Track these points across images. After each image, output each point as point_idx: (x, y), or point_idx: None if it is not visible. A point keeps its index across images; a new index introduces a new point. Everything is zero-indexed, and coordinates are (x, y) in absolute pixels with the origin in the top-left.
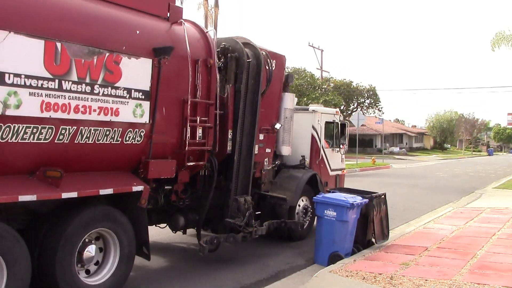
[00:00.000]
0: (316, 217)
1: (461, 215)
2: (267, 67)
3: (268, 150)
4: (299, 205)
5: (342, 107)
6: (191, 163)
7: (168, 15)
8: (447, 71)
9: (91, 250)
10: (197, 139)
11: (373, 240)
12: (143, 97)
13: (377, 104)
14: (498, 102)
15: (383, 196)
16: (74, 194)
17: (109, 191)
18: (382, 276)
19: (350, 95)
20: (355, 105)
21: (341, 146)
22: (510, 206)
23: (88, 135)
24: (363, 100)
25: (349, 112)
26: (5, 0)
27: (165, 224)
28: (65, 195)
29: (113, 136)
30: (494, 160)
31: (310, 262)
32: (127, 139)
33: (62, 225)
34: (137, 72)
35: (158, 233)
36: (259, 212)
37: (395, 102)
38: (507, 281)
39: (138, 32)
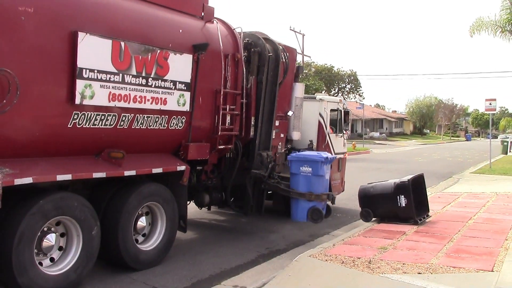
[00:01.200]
0: (290, 175)
1: (439, 200)
2: (283, 60)
3: (282, 135)
4: None
5: (323, 92)
6: (221, 146)
7: (203, 14)
8: (428, 57)
9: (143, 221)
10: (227, 125)
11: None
12: (185, 88)
13: (358, 89)
14: (477, 87)
15: None
16: (133, 172)
17: (159, 170)
18: (360, 260)
19: (331, 80)
20: (336, 90)
21: (344, 132)
22: (486, 191)
23: (142, 122)
24: (344, 85)
25: None
26: (84, 6)
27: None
28: (127, 173)
29: (161, 122)
30: (472, 145)
31: (290, 246)
32: (172, 125)
33: (123, 198)
34: (180, 66)
35: None
36: (271, 192)
37: (376, 88)
38: (482, 264)
39: (180, 31)
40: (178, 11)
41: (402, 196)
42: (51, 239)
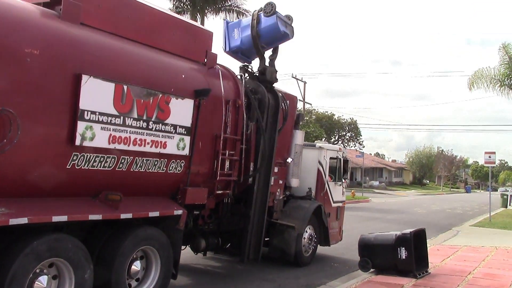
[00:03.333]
0: None
1: (438, 252)
2: (283, 107)
3: (280, 182)
4: (306, 232)
5: (323, 140)
6: (219, 191)
7: (206, 61)
8: (429, 107)
9: (137, 265)
10: (226, 170)
11: None
12: (185, 132)
13: (357, 138)
14: (476, 140)
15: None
16: (129, 216)
17: (156, 213)
18: None
19: (332, 127)
20: (336, 138)
21: (343, 180)
22: (486, 245)
23: (141, 164)
24: (344, 133)
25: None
26: (89, 49)
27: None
28: (123, 216)
29: (160, 165)
30: (472, 198)
31: None
32: (171, 168)
33: (119, 241)
34: (181, 110)
35: None
36: (268, 239)
37: (376, 136)
38: None
39: (183, 76)
40: (182, 57)
41: (403, 248)
42: (43, 281)
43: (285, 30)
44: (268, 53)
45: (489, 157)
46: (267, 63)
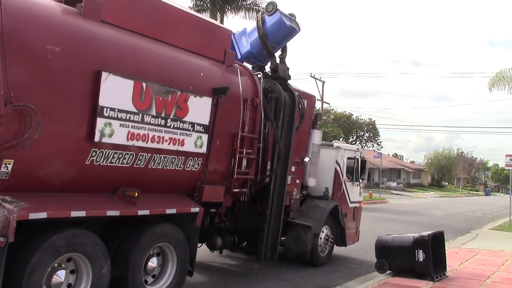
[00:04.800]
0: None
1: (456, 256)
2: (300, 106)
3: (297, 181)
4: (323, 232)
5: (341, 140)
6: (236, 190)
7: (224, 59)
8: (449, 107)
9: (154, 262)
10: (243, 168)
11: None
12: (203, 130)
13: (376, 138)
14: (497, 142)
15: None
16: (147, 212)
17: (173, 211)
18: None
19: (350, 127)
20: (354, 138)
21: (360, 180)
22: (506, 249)
23: (159, 162)
24: (362, 133)
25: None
26: (109, 47)
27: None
28: (140, 212)
29: (177, 163)
30: (491, 201)
31: None
32: (188, 166)
33: (136, 237)
34: (199, 108)
35: None
36: (284, 238)
37: (394, 137)
38: None
39: (202, 74)
40: (200, 55)
41: (421, 250)
42: (61, 275)
43: (291, 24)
44: (278, 53)
45: (510, 159)
46: (277, 62)
